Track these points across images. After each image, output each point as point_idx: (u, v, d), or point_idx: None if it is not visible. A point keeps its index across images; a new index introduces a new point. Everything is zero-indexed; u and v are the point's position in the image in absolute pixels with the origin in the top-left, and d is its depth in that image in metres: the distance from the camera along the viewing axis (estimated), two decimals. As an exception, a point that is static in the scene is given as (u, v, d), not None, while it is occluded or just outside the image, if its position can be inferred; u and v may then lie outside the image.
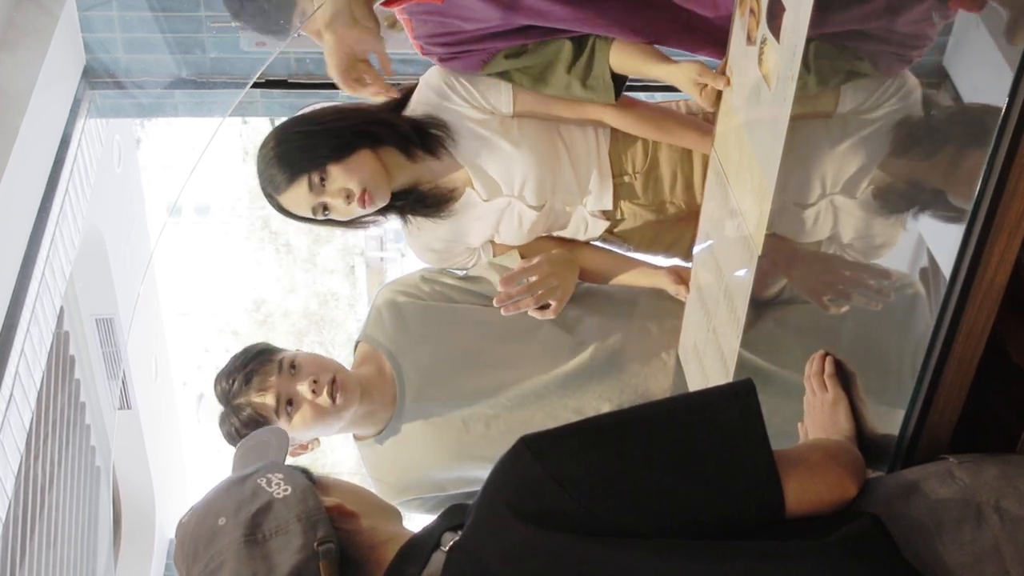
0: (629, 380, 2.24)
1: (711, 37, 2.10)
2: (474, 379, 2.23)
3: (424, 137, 2.22)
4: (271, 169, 2.15)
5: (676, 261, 2.39)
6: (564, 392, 2.22)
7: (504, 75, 2.21)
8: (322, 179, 2.13)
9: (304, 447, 2.22)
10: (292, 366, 2.15)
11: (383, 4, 2.09)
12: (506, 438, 2.18)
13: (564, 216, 2.31)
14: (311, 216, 2.18)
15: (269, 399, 2.12)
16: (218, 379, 2.19)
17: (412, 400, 2.22)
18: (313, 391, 2.12)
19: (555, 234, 2.38)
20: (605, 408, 2.20)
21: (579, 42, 2.16)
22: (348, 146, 2.14)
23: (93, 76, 3.73)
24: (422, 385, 2.23)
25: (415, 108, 2.24)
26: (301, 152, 2.14)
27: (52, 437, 4.13)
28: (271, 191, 2.17)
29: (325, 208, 2.15)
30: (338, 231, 2.36)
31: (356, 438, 2.33)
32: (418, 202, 2.26)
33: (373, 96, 2.11)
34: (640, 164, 2.29)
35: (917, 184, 1.43)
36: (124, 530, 5.18)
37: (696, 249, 2.21)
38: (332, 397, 2.13)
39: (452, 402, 2.22)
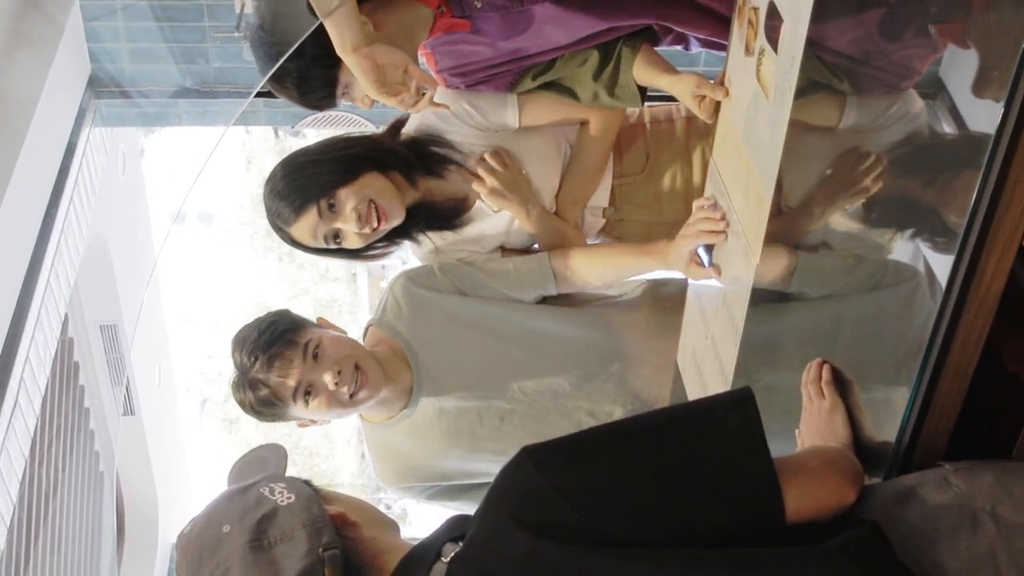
0: (643, 387, 2.24)
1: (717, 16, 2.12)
2: (491, 373, 2.21)
3: (427, 158, 2.22)
4: (278, 202, 2.14)
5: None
6: (579, 393, 2.21)
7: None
8: (331, 205, 2.11)
9: (313, 422, 2.17)
10: (315, 353, 2.09)
11: None
12: (520, 433, 2.18)
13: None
14: (323, 246, 2.16)
15: (290, 383, 2.06)
16: (238, 345, 2.13)
17: (428, 391, 2.20)
18: (336, 383, 2.07)
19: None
20: (617, 413, 2.20)
21: (605, 52, 2.16)
22: (355, 170, 2.14)
23: (98, 85, 3.73)
24: (439, 377, 2.20)
25: (417, 130, 2.24)
26: (308, 179, 2.13)
27: (56, 443, 4.12)
28: (280, 224, 2.16)
29: (336, 236, 2.14)
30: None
31: (363, 418, 2.29)
32: (430, 217, 2.25)
33: (411, 105, 2.05)
34: (640, 165, 2.30)
35: (913, 194, 1.43)
36: (128, 536, 5.18)
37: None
38: (353, 393, 2.08)
39: (468, 394, 2.20)
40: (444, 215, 2.26)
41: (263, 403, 2.08)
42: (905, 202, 1.47)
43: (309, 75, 2.06)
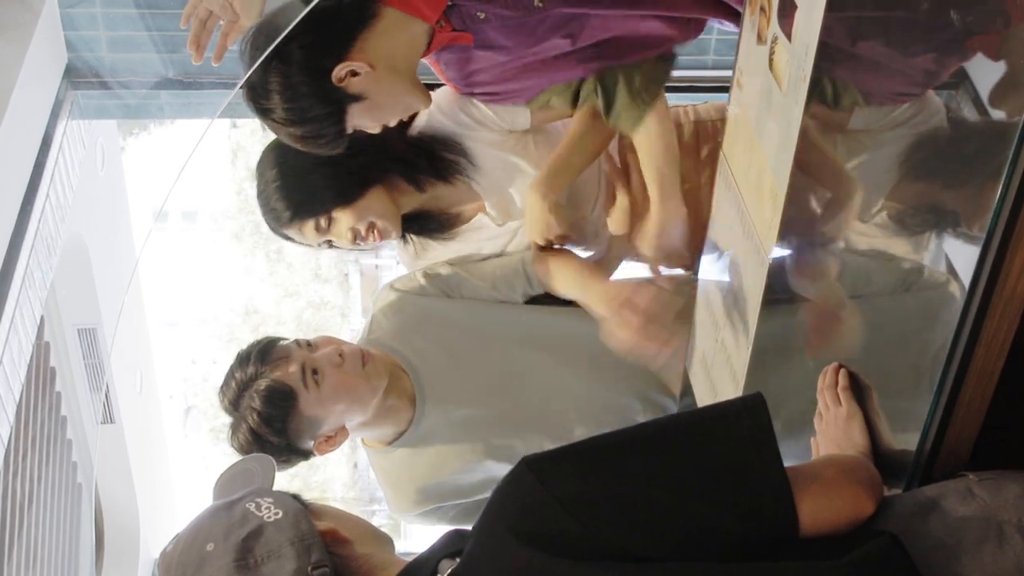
0: (667, 390, 2.24)
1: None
2: (496, 378, 2.21)
3: (438, 163, 2.22)
4: (273, 203, 2.16)
5: (679, 271, 2.40)
6: (592, 387, 2.21)
7: None
8: (329, 223, 2.15)
9: (331, 440, 2.15)
10: (309, 343, 2.13)
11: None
12: (537, 437, 2.18)
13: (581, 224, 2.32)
14: (316, 247, 2.21)
15: (293, 368, 2.06)
16: (225, 383, 2.12)
17: (432, 402, 2.20)
18: (340, 355, 2.09)
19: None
20: (637, 406, 2.20)
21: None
22: (359, 186, 2.16)
23: (76, 76, 3.72)
24: (441, 387, 2.20)
25: (424, 131, 2.24)
26: (310, 190, 2.15)
27: (32, 452, 4.12)
28: (273, 223, 2.19)
29: (329, 243, 2.18)
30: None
31: (367, 444, 2.29)
32: (423, 225, 2.27)
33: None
34: None
35: (934, 190, 1.43)
36: (107, 549, 5.17)
37: (704, 258, 2.21)
38: (362, 364, 2.10)
39: (475, 402, 2.20)
40: (437, 226, 2.27)
41: (269, 400, 2.04)
42: (925, 199, 1.47)
43: (320, 135, 2.03)
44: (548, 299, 2.33)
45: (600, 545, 1.22)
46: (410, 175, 2.21)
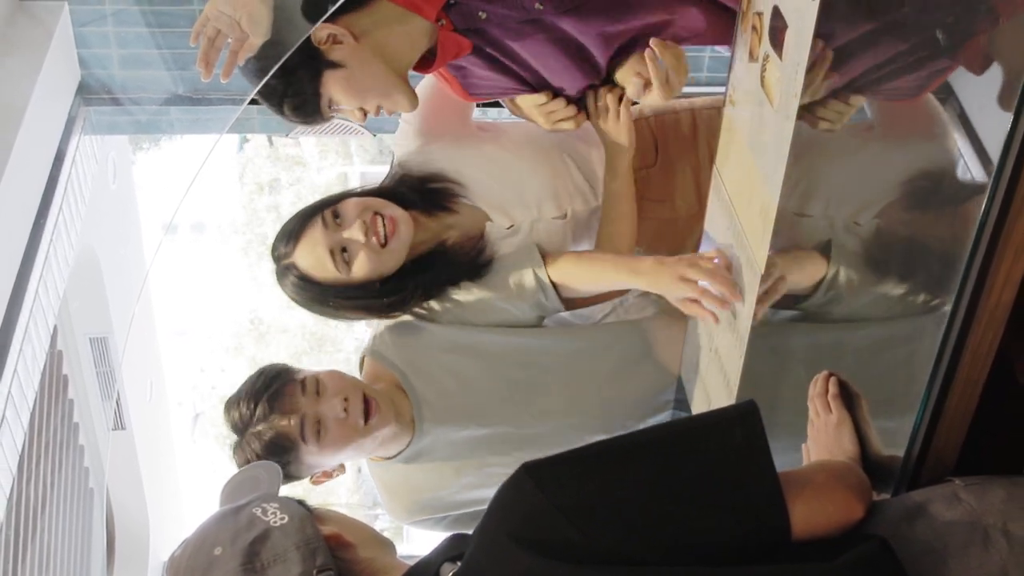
0: (663, 399, 2.23)
1: None
2: (495, 400, 2.18)
3: (431, 197, 2.20)
4: (281, 231, 2.13)
5: None
6: (592, 409, 2.20)
7: None
8: (336, 215, 2.08)
9: (328, 474, 2.13)
10: (317, 388, 2.05)
11: (417, 70, 2.07)
12: (533, 454, 2.16)
13: (593, 222, 2.28)
14: (331, 269, 2.08)
15: (295, 422, 2.01)
16: (231, 405, 2.09)
17: (430, 422, 2.17)
18: (345, 410, 2.03)
19: None
20: (636, 427, 2.19)
21: None
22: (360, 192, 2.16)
23: (88, 92, 3.73)
24: (440, 408, 2.17)
25: (406, 169, 2.23)
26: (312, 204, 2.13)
27: (45, 458, 4.12)
28: (283, 249, 2.11)
29: (344, 251, 2.07)
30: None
31: (368, 458, 2.29)
32: (450, 265, 2.19)
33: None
34: (651, 158, 2.29)
35: (920, 202, 1.43)
36: (117, 554, 5.17)
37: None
38: (365, 418, 2.04)
39: (474, 423, 2.18)
40: (466, 258, 2.20)
41: (270, 449, 2.01)
42: (912, 211, 1.47)
43: (298, 93, 1.99)
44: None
45: (598, 550, 1.22)
46: (412, 206, 2.18)
